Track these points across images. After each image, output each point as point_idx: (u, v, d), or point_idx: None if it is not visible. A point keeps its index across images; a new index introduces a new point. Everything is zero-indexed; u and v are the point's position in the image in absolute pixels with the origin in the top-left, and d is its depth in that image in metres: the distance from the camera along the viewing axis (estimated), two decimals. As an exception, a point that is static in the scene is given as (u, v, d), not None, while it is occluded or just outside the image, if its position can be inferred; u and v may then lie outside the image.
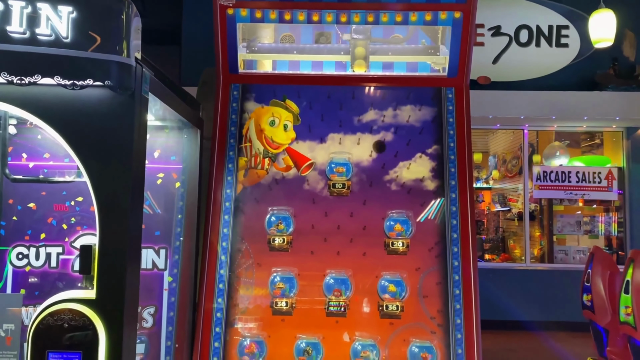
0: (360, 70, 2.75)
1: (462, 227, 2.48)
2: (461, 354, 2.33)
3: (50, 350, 1.53)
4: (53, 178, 2.18)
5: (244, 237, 2.58)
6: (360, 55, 2.72)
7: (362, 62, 2.73)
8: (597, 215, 9.12)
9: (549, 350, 6.94)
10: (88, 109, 1.64)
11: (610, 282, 4.42)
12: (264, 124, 2.69)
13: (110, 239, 1.59)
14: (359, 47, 2.73)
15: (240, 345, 2.41)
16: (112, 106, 1.65)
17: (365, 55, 2.72)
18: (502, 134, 10.08)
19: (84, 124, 1.65)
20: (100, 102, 1.65)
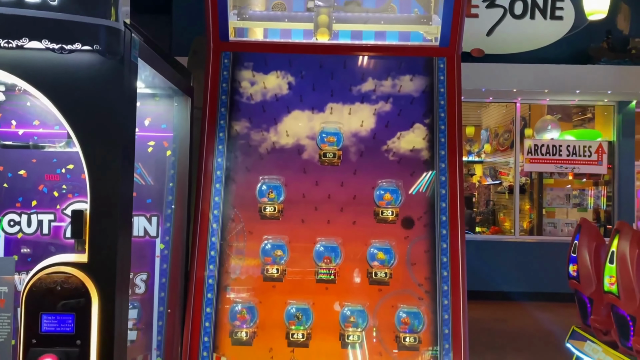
0: (324, 39, 2.72)
1: (451, 197, 2.52)
2: (448, 319, 2.39)
3: (44, 312, 1.55)
4: (43, 144, 2.18)
5: (235, 206, 2.60)
6: (323, 24, 2.69)
7: (325, 30, 2.69)
8: (586, 189, 9.23)
9: (535, 319, 7.11)
10: (77, 74, 1.63)
11: (596, 253, 4.50)
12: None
13: (101, 204, 1.60)
14: (322, 15, 2.69)
15: (231, 311, 2.46)
16: (101, 71, 1.64)
17: (329, 24, 2.69)
18: (494, 108, 10.09)
19: (73, 89, 1.64)
20: (89, 68, 1.64)
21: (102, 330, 1.56)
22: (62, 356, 1.51)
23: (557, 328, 5.79)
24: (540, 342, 6.02)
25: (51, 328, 1.55)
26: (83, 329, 1.55)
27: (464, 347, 2.35)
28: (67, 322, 1.55)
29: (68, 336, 1.55)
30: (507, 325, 6.97)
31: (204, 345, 2.39)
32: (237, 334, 2.45)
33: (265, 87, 2.71)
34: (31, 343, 1.55)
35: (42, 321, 1.55)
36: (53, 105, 1.66)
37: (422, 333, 2.42)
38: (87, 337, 1.55)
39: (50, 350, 1.53)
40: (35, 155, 2.43)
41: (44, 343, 1.55)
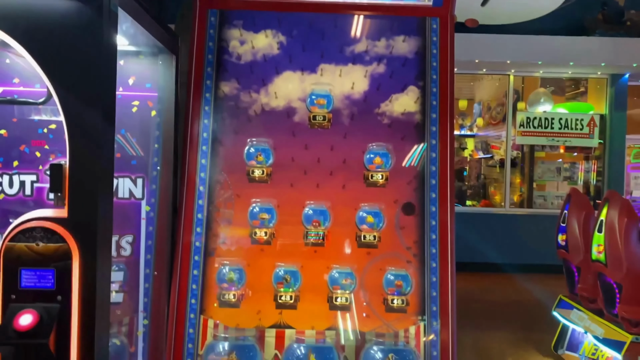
0: None
1: (441, 158, 2.49)
2: (435, 281, 2.38)
3: (23, 267, 1.52)
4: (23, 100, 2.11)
5: (223, 169, 2.56)
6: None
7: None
8: (577, 162, 9.27)
9: (524, 290, 7.20)
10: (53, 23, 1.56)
11: (585, 222, 4.53)
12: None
13: (80, 158, 1.55)
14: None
15: (219, 273, 2.44)
16: (79, 20, 1.57)
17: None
18: (488, 81, 10.03)
19: (49, 38, 1.57)
20: (66, 16, 1.57)
21: (83, 286, 1.52)
22: (43, 312, 1.48)
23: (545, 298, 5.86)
24: (528, 311, 6.11)
25: (31, 284, 1.52)
26: (64, 285, 1.52)
27: (452, 310, 2.36)
28: (47, 277, 1.52)
29: (48, 292, 1.52)
30: (496, 295, 7.06)
31: (190, 307, 2.38)
32: (225, 296, 2.43)
33: (253, 47, 2.64)
34: (10, 298, 1.52)
35: (22, 276, 1.52)
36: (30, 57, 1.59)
37: (410, 295, 2.42)
38: (68, 293, 1.52)
39: (30, 305, 1.50)
40: (16, 115, 2.36)
41: (23, 298, 1.52)
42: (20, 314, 1.47)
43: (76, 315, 1.51)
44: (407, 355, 2.32)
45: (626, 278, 3.68)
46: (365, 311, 2.44)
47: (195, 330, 2.36)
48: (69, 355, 1.52)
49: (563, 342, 4.70)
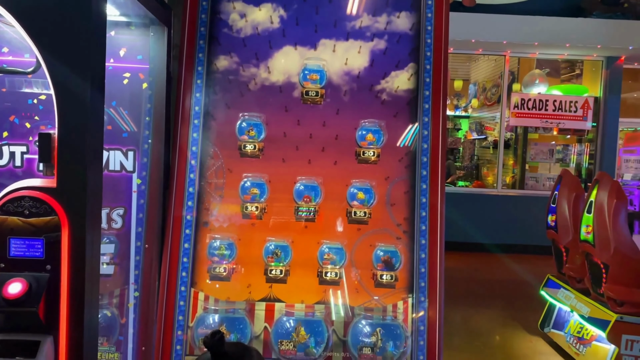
0: None
1: (433, 136, 2.49)
2: (424, 258, 2.40)
3: (12, 236, 1.52)
4: (11, 68, 2.08)
5: (214, 143, 2.55)
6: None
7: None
8: (570, 145, 9.30)
9: (513, 270, 7.28)
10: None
11: (575, 203, 4.57)
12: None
13: (69, 128, 1.54)
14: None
15: (210, 247, 2.45)
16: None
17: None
18: (483, 62, 9.98)
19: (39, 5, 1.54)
20: (55, -18, 1.54)
21: (72, 255, 1.53)
22: (32, 280, 1.49)
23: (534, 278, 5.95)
24: (516, 291, 6.20)
25: (20, 252, 1.52)
26: (53, 254, 1.52)
27: (440, 286, 2.38)
28: (36, 247, 1.52)
29: (37, 261, 1.52)
30: (485, 275, 7.14)
31: (181, 280, 2.39)
32: (216, 269, 2.45)
33: (247, 19, 2.61)
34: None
35: (10, 245, 1.52)
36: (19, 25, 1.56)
37: (399, 271, 2.44)
38: (58, 263, 1.52)
39: (19, 274, 1.50)
40: (6, 84, 2.33)
41: (12, 267, 1.52)
42: (9, 282, 1.47)
43: (65, 284, 1.52)
44: (395, 329, 2.35)
45: (613, 258, 3.73)
46: (354, 286, 2.46)
47: (185, 303, 2.38)
48: (59, 323, 1.53)
49: (549, 320, 4.78)
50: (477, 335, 4.76)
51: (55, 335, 1.53)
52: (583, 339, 4.12)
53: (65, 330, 1.54)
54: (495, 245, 8.09)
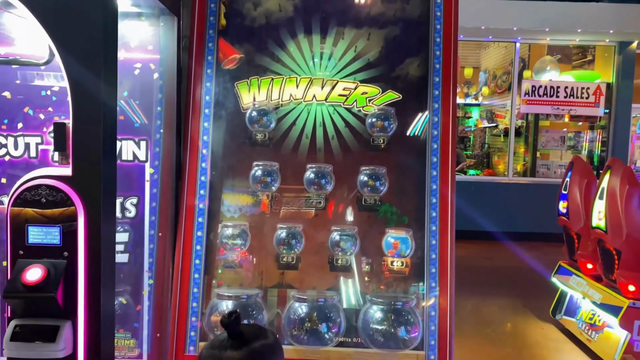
0: None
1: (443, 122, 2.49)
2: (435, 244, 2.41)
3: (30, 224, 1.55)
4: (25, 60, 2.11)
5: (225, 132, 2.57)
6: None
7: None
8: (581, 131, 9.22)
9: (524, 258, 7.27)
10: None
11: (587, 189, 4.55)
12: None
13: (83, 117, 1.57)
14: None
15: (222, 235, 2.48)
16: (80, -22, 1.56)
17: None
18: (494, 49, 9.90)
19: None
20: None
21: (89, 241, 1.56)
22: (50, 266, 1.52)
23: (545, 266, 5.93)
24: (528, 278, 6.19)
25: (38, 240, 1.56)
26: (70, 240, 1.56)
27: (451, 272, 2.39)
28: (53, 233, 1.55)
29: (55, 248, 1.56)
30: (496, 263, 7.15)
31: (195, 267, 2.43)
32: (228, 257, 2.48)
33: (255, 8, 2.62)
34: (18, 254, 1.56)
35: (28, 233, 1.55)
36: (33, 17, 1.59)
37: (409, 258, 2.46)
38: (74, 249, 1.56)
39: (38, 260, 1.54)
40: (19, 76, 2.37)
41: (31, 254, 1.56)
42: (28, 268, 1.51)
43: (82, 270, 1.56)
44: (406, 315, 2.37)
45: (625, 244, 3.71)
46: (365, 273, 2.48)
47: (199, 290, 2.42)
48: (77, 309, 1.57)
49: (561, 307, 4.78)
50: (488, 322, 4.77)
51: (73, 320, 1.57)
52: (595, 326, 4.12)
53: (83, 315, 1.58)
54: (506, 233, 8.06)
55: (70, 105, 1.59)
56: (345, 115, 2.58)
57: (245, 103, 2.58)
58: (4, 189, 2.30)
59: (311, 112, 2.59)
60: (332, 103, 2.58)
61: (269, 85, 2.58)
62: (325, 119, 2.58)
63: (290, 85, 2.58)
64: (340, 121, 2.58)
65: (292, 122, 2.59)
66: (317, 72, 2.61)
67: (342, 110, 2.58)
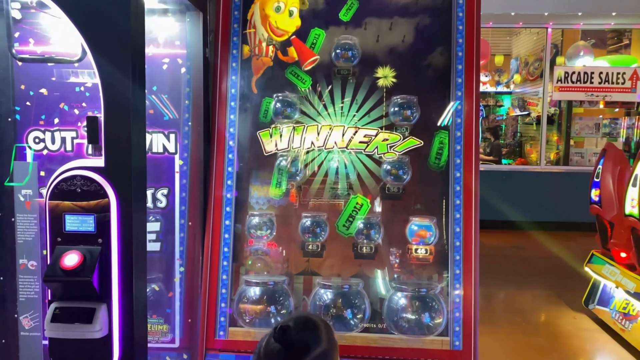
0: None
1: (467, 110, 2.49)
2: (459, 232, 2.43)
3: (67, 212, 1.65)
4: (59, 58, 2.22)
5: (251, 124, 2.63)
6: None
7: None
8: (618, 118, 8.96)
9: (556, 247, 7.15)
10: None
11: (620, 177, 4.45)
12: (268, 9, 2.64)
13: (114, 110, 1.65)
14: None
15: (249, 223, 2.55)
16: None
17: None
18: (525, 35, 9.70)
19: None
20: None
21: (121, 229, 1.65)
22: (86, 253, 1.61)
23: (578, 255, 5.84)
24: (561, 268, 6.11)
25: (74, 227, 1.65)
26: (103, 228, 1.65)
27: (475, 259, 2.40)
28: (88, 222, 1.64)
29: (90, 235, 1.65)
30: (528, 252, 7.05)
31: (224, 255, 2.51)
32: (256, 245, 2.55)
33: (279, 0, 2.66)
34: (57, 241, 1.66)
35: (65, 221, 1.65)
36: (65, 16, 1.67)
37: (434, 245, 2.48)
38: (108, 236, 1.65)
39: (74, 247, 1.63)
40: (55, 73, 2.48)
41: (68, 241, 1.66)
42: (65, 254, 1.60)
43: (116, 256, 1.65)
44: (430, 302, 2.40)
45: (659, 232, 3.63)
46: (389, 260, 2.52)
47: (228, 277, 2.49)
48: (111, 292, 1.66)
49: (594, 297, 4.70)
50: (519, 311, 4.74)
51: (108, 303, 1.66)
52: (629, 315, 4.05)
53: (118, 298, 1.66)
54: (538, 222, 7.93)
55: (101, 100, 1.67)
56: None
57: (267, 151, 2.62)
58: (42, 182, 2.42)
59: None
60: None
61: (290, 132, 2.61)
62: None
63: (311, 133, 2.61)
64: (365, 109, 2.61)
65: (317, 112, 2.63)
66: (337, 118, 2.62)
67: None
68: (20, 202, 1.81)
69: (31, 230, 1.98)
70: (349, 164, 2.59)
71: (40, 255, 2.14)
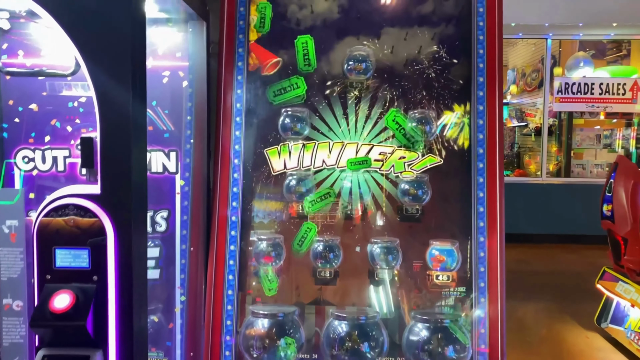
0: None
1: (489, 125, 2.33)
2: (483, 257, 2.26)
3: (57, 246, 1.46)
4: (50, 71, 2.03)
5: (258, 140, 2.46)
6: None
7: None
8: (615, 129, 8.89)
9: (559, 261, 7.01)
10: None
11: (634, 191, 4.30)
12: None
13: (111, 131, 1.47)
14: None
15: (256, 248, 2.36)
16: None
17: None
18: (522, 46, 9.64)
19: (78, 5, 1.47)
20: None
21: (119, 264, 1.46)
22: (79, 292, 1.42)
23: (584, 269, 5.70)
24: (566, 282, 5.95)
25: (65, 263, 1.46)
26: (99, 264, 1.46)
27: (501, 285, 2.24)
28: (81, 256, 1.45)
29: (84, 271, 1.46)
30: (532, 266, 6.90)
31: (228, 283, 2.32)
32: (263, 272, 2.36)
33: (286, 10, 2.50)
34: (45, 279, 1.46)
35: (56, 256, 1.46)
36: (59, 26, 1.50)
37: (456, 272, 2.30)
38: (104, 273, 1.46)
39: (66, 285, 1.44)
40: (46, 88, 2.30)
41: (59, 278, 1.46)
42: (55, 294, 1.41)
43: (113, 296, 1.45)
44: (454, 333, 2.22)
45: (680, 250, 3.48)
46: (408, 288, 2.34)
47: (233, 307, 2.30)
48: (107, 336, 1.46)
49: (607, 315, 4.54)
50: (528, 329, 4.57)
51: (104, 349, 1.46)
52: (646, 335, 3.89)
53: (115, 343, 1.47)
54: (541, 235, 7.80)
55: (97, 118, 1.49)
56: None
57: (275, 170, 2.45)
58: (31, 205, 2.22)
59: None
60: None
61: (300, 150, 2.44)
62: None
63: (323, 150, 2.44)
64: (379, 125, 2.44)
65: (327, 128, 2.46)
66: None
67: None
68: (4, 234, 1.63)
69: (17, 266, 1.77)
70: (363, 183, 2.41)
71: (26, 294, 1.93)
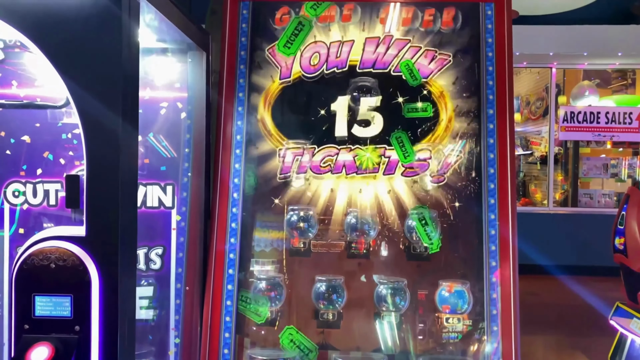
0: None
1: (500, 159, 2.23)
2: (496, 298, 2.13)
3: (37, 293, 1.34)
4: (42, 103, 1.95)
5: (258, 174, 2.36)
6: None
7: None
8: (620, 157, 8.80)
9: (567, 293, 6.82)
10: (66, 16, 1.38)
11: (647, 224, 4.17)
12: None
13: (99, 168, 1.37)
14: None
15: (255, 289, 2.24)
16: (97, 13, 1.39)
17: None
18: (526, 75, 9.63)
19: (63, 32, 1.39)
20: (81, 8, 1.38)
21: (105, 314, 1.34)
22: (58, 345, 1.30)
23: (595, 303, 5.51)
24: (576, 316, 5.76)
25: (46, 312, 1.34)
26: (82, 312, 1.34)
27: (515, 329, 2.10)
28: (63, 304, 1.33)
29: (65, 321, 1.34)
30: (539, 298, 6.70)
31: (225, 325, 2.19)
32: (262, 313, 2.23)
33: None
34: (23, 329, 1.34)
35: (35, 304, 1.34)
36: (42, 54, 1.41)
37: (467, 314, 2.17)
38: (88, 322, 1.33)
39: (45, 337, 1.32)
40: (39, 119, 2.21)
41: (37, 329, 1.34)
42: (33, 346, 1.29)
43: (96, 348, 1.33)
44: (465, 380, 2.08)
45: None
46: (417, 331, 2.20)
47: (230, 351, 2.17)
48: (90, 392, 1.33)
49: (621, 352, 4.34)
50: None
51: (86, 407, 1.33)
52: (664, 376, 3.71)
53: (97, 401, 1.34)
54: (548, 266, 7.63)
55: (84, 154, 1.40)
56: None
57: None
58: (20, 241, 2.12)
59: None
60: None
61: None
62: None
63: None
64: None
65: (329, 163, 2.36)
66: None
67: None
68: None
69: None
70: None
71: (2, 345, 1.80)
